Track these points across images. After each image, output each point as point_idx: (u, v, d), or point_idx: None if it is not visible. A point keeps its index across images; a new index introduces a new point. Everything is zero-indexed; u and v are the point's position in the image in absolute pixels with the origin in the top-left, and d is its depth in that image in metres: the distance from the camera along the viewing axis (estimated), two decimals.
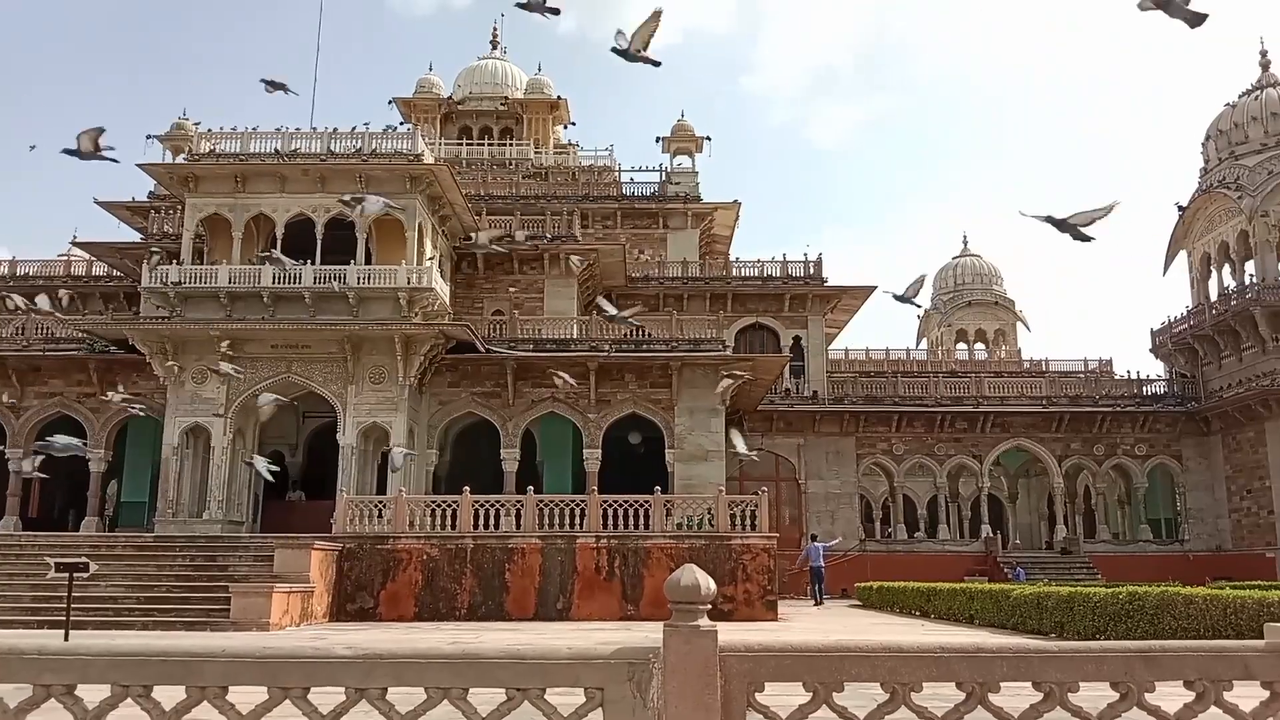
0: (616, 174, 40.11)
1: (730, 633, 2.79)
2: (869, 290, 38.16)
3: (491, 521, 21.73)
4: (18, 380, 28.04)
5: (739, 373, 26.75)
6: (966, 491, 38.41)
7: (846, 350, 44.53)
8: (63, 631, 13.22)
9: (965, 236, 55.41)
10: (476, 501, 21.80)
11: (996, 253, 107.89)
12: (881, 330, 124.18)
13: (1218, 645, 2.62)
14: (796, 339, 36.88)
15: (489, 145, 41.43)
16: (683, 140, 39.78)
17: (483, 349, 27.14)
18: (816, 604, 27.72)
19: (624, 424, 28.55)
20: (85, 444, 25.26)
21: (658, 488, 22.45)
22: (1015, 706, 2.53)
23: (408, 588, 21.09)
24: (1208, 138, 38.88)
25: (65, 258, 36.54)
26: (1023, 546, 38.82)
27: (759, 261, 37.67)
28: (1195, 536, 36.10)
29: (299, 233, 26.56)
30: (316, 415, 28.74)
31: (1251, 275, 36.07)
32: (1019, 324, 52.24)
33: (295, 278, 25.94)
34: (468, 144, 41.55)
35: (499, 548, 21.41)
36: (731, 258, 39.43)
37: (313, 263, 26.14)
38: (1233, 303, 35.83)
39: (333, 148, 27.11)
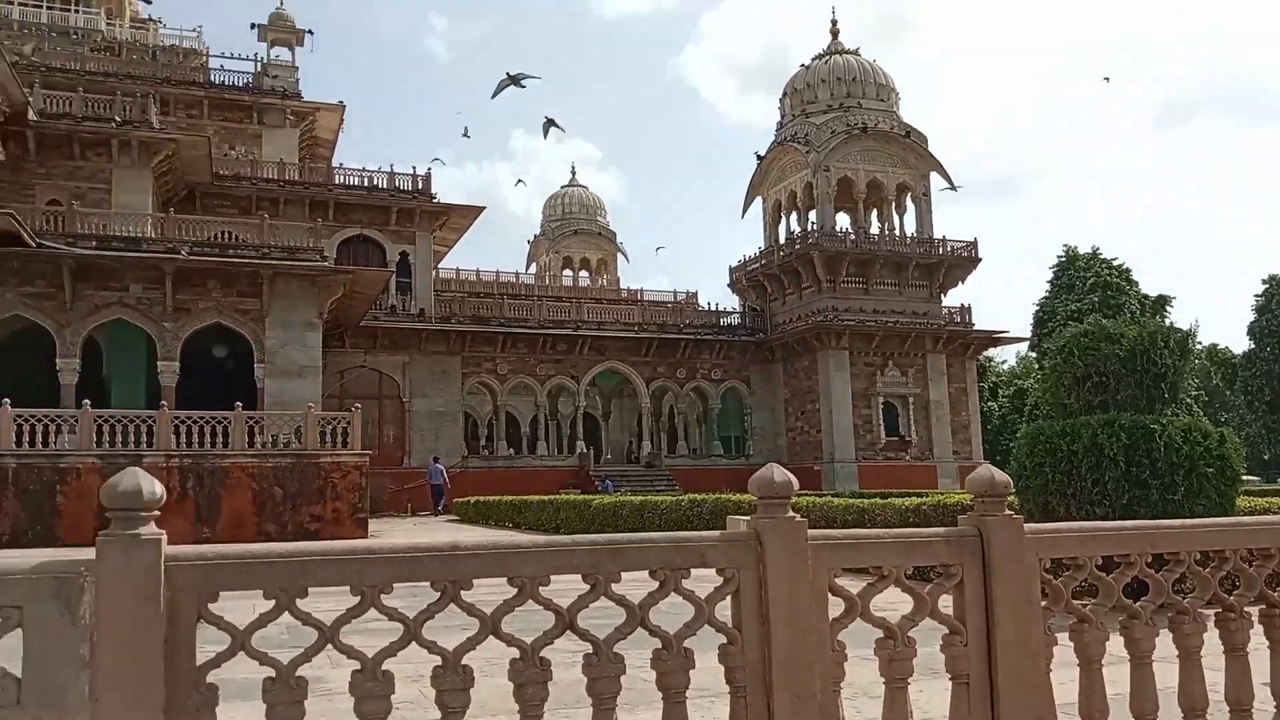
0: (205, 59, 36.19)
1: None
2: (478, 210, 38.19)
3: (40, 438, 19.26)
4: None
5: None
6: (565, 410, 40.16)
7: (457, 270, 44.43)
8: None
9: (574, 167, 57.22)
10: (20, 415, 19.22)
11: (602, 186, 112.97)
12: (494, 253, 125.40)
13: (679, 536, 2.78)
14: (404, 255, 36.07)
15: (49, 9, 35.54)
16: (282, 31, 36.83)
17: (33, 243, 23.52)
18: (435, 514, 30.48)
19: (208, 335, 26.22)
20: None
21: (239, 404, 21.03)
22: (490, 602, 2.52)
23: None
24: (785, 95, 42.91)
25: None
26: (614, 461, 41.42)
27: (365, 171, 36.14)
28: (759, 451, 40.57)
29: None
30: None
31: (813, 223, 40.65)
32: (619, 254, 55.13)
33: None
34: (21, 4, 35.40)
35: (49, 468, 19.18)
36: (335, 164, 37.50)
37: None
38: (796, 246, 40.21)
39: None
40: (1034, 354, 50.44)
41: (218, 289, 25.57)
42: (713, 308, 42.69)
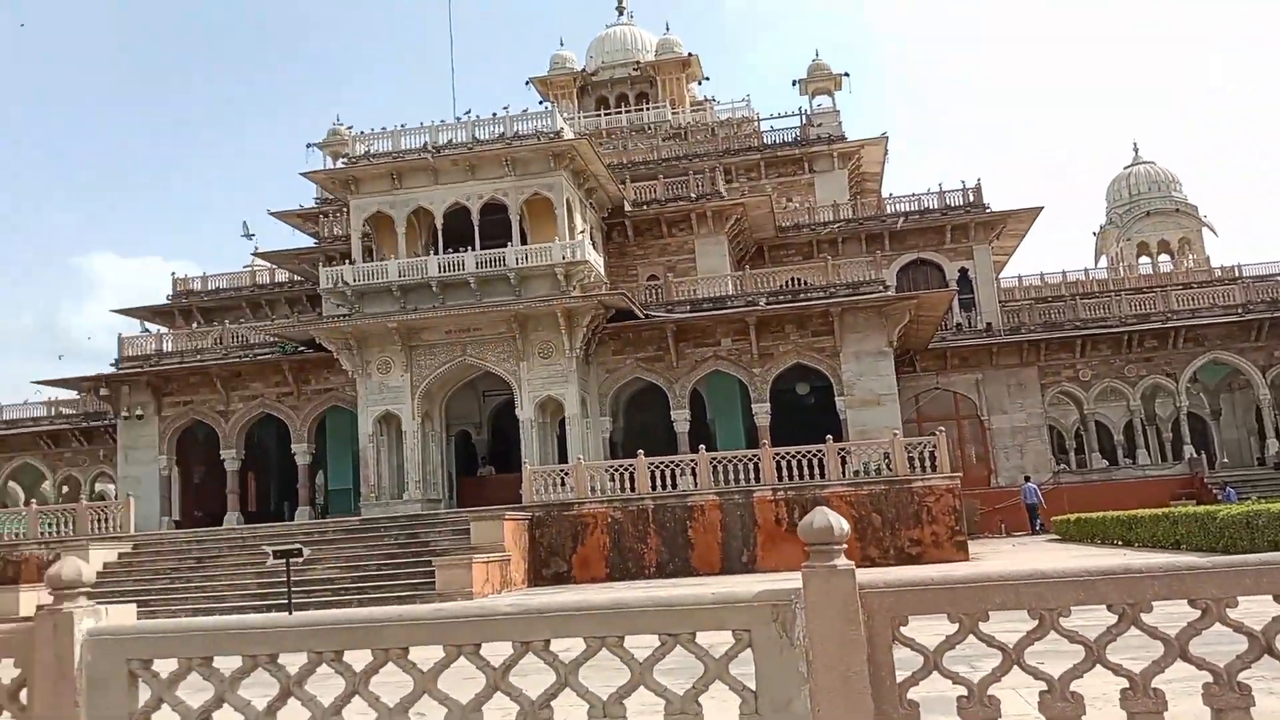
0: (755, 124, 39.46)
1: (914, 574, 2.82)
2: (1036, 211, 36.31)
3: (669, 481, 22.14)
4: (222, 386, 30.41)
5: None
6: (1164, 413, 36.27)
7: (1020, 277, 42.72)
8: (286, 613, 14.35)
9: (1135, 144, 51.90)
10: (652, 463, 22.22)
11: (1172, 157, 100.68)
12: (1054, 251, 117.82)
13: None
14: (963, 271, 35.54)
15: (626, 112, 41.48)
16: (820, 80, 38.83)
17: (641, 315, 27.51)
18: (1032, 534, 29.81)
19: (790, 375, 28.40)
20: None
21: (829, 436, 22.25)
22: (1171, 625, 2.47)
23: (597, 550, 21.75)
24: None
25: (250, 269, 39.17)
26: (1231, 465, 36.35)
27: (914, 195, 36.37)
28: None
29: (457, 221, 27.69)
30: (495, 394, 29.99)
31: None
32: (1204, 230, 48.68)
33: (459, 265, 27.04)
34: (605, 114, 41.80)
35: (678, 506, 21.80)
36: (884, 194, 38.27)
37: (472, 249, 27.18)
38: None
39: (477, 135, 27.95)
40: None
41: (794, 331, 27.67)
42: None
